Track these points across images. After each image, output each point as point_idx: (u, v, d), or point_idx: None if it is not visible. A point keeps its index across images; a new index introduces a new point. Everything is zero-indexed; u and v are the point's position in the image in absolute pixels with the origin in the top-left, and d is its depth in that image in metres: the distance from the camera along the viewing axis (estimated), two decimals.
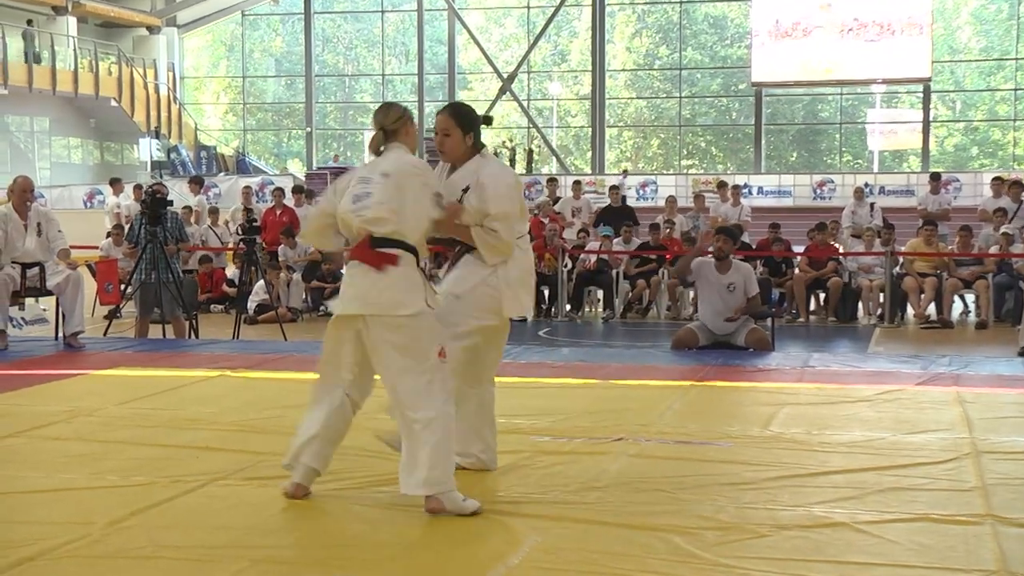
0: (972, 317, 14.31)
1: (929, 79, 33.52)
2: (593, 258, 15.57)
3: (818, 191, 30.49)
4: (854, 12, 33.16)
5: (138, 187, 19.47)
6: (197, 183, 19.07)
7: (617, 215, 16.92)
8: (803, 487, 5.17)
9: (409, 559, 4.19)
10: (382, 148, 4.88)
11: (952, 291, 14.03)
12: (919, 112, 35.05)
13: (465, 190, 5.03)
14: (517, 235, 5.13)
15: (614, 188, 18.85)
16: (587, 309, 15.30)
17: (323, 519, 4.69)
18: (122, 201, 20.01)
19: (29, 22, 32.64)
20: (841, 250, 15.47)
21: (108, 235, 16.30)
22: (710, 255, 10.19)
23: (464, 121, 5.15)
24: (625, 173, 30.73)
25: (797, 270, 14.63)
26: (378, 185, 4.71)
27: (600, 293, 15.30)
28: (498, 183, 5.08)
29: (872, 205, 17.39)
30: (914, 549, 4.27)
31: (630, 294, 15.09)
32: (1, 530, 4.48)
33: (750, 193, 28.90)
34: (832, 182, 30.70)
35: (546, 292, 15.26)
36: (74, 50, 34.82)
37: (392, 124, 4.88)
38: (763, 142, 36.19)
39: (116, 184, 19.47)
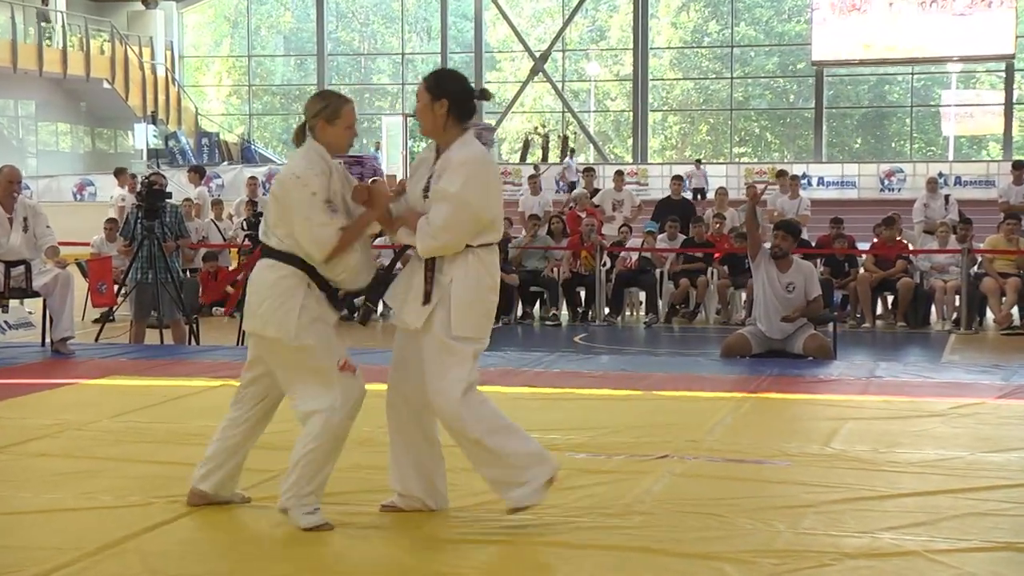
0: None
1: (1012, 56, 33.16)
2: (634, 256, 15.54)
3: (886, 182, 30.38)
4: None
5: (131, 176, 19.54)
6: (198, 173, 19.15)
7: (675, 210, 16.85)
8: (869, 511, 5.13)
9: None
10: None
11: None
12: (1000, 93, 34.80)
13: (425, 189, 4.85)
14: (475, 236, 4.84)
15: (676, 178, 18.79)
16: (628, 313, 15.28)
17: (331, 544, 4.68)
18: (127, 193, 19.99)
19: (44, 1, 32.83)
20: (911, 248, 15.37)
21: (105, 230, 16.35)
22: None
23: (433, 85, 4.91)
24: (699, 163, 30.08)
25: (862, 270, 14.55)
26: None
27: (643, 295, 15.26)
28: (463, 160, 4.82)
29: (947, 197, 17.28)
30: None
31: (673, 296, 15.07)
32: None
33: (809, 184, 28.81)
34: (902, 172, 30.58)
35: (583, 294, 15.25)
36: (63, 26, 35.05)
37: (310, 119, 5.00)
38: (824, 127, 36.04)
39: (121, 174, 19.56)
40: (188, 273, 14.92)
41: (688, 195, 22.27)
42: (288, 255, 4.81)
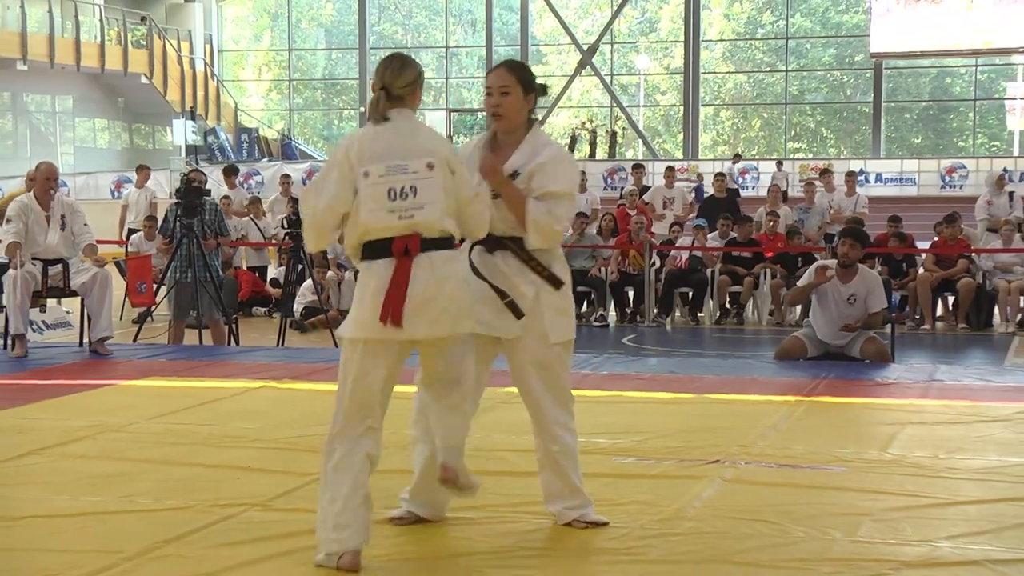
0: None
1: None
2: (685, 255, 15.51)
3: (947, 178, 30.14)
4: None
5: (142, 168, 19.22)
6: (231, 173, 19.08)
7: (721, 207, 16.81)
8: (930, 519, 5.11)
9: None
10: (388, 116, 4.61)
11: None
12: None
13: (513, 175, 4.82)
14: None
15: (720, 176, 18.75)
16: (677, 313, 15.26)
17: (370, 551, 4.70)
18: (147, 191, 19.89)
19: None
20: (974, 247, 15.26)
21: (138, 228, 16.48)
22: (834, 261, 9.99)
23: (527, 78, 4.93)
24: (737, 158, 30.13)
25: (922, 270, 14.47)
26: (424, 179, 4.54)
27: (690, 295, 15.23)
28: (561, 158, 4.95)
29: (1011, 194, 17.16)
30: None
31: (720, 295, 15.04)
32: (21, 558, 4.58)
33: (867, 181, 28.63)
34: (964, 168, 30.32)
35: (631, 294, 15.24)
36: (100, 20, 35.31)
37: (403, 87, 4.61)
38: (883, 122, 35.82)
39: (142, 171, 19.47)
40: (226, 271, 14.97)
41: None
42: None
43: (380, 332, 4.44)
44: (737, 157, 30.07)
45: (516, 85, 4.86)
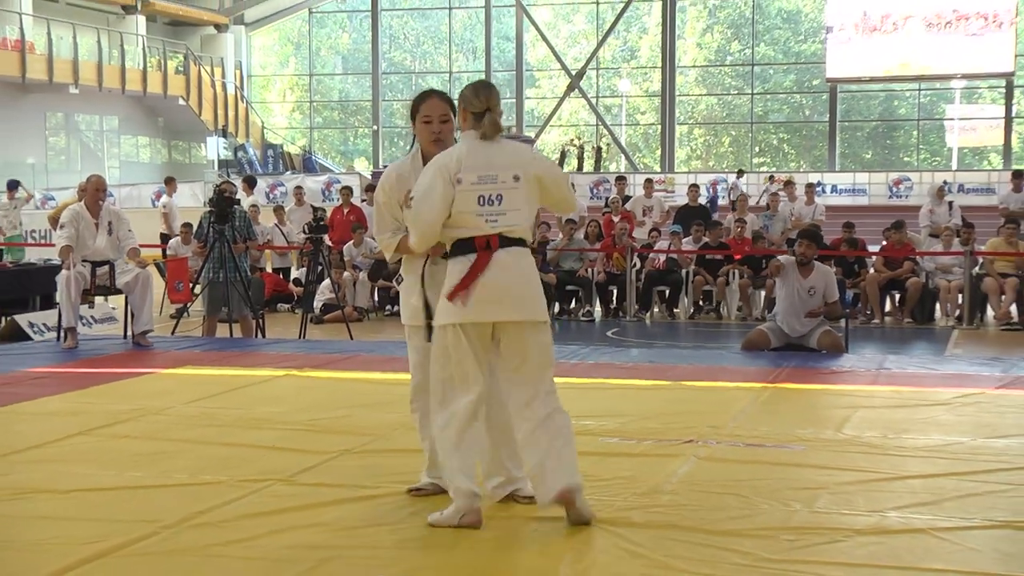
0: None
1: (1012, 74, 32.86)
2: (662, 258, 15.51)
3: (894, 189, 30.10)
4: (933, 6, 32.67)
5: (170, 179, 19.34)
6: (249, 183, 19.10)
7: (695, 215, 16.80)
8: (879, 492, 5.10)
9: (476, 561, 4.20)
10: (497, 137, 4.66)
11: None
12: (1000, 108, 34.45)
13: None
14: None
15: (693, 187, 18.73)
16: (656, 309, 15.25)
17: (387, 520, 4.70)
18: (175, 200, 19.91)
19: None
20: (918, 250, 15.25)
21: (176, 233, 16.48)
22: (794, 257, 10.06)
23: (456, 106, 4.83)
24: (740, 173, 28.80)
25: (872, 270, 14.46)
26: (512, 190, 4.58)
27: (667, 293, 15.21)
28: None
29: (951, 204, 17.14)
30: (996, 558, 4.20)
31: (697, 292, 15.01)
32: (73, 527, 4.56)
33: (824, 191, 28.60)
34: (909, 180, 30.29)
35: (615, 292, 15.23)
36: (143, 49, 35.33)
37: (496, 106, 4.63)
38: (837, 139, 35.81)
39: (171, 183, 19.54)
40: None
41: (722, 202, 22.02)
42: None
43: (461, 316, 4.51)
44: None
45: (450, 112, 4.88)
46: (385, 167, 4.98)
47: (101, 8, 34.81)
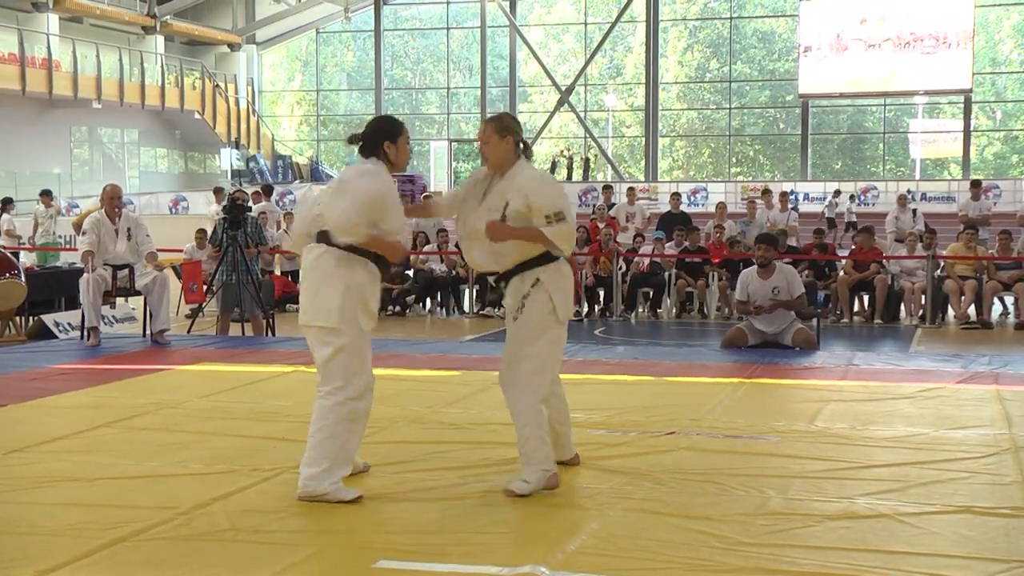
0: (1011, 318, 14.08)
1: (970, 90, 33.04)
2: (646, 261, 15.50)
3: (862, 197, 30.14)
4: (897, 28, 32.81)
5: (219, 190, 19.67)
6: (266, 192, 19.10)
7: (676, 221, 16.79)
8: (848, 480, 5.11)
9: (471, 543, 4.20)
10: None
11: (992, 293, 13.82)
12: (960, 122, 34.56)
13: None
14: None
15: (675, 195, 18.72)
16: (640, 309, 15.24)
17: (391, 506, 4.70)
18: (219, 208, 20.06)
19: None
20: (884, 254, 15.27)
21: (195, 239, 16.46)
22: (753, 263, 10.08)
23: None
24: (837, 192, 26.98)
25: (842, 273, 14.47)
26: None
27: (651, 294, 15.20)
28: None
29: (914, 211, 17.20)
30: (956, 540, 4.22)
31: (679, 293, 15.00)
32: (97, 513, 4.56)
33: (797, 200, 28.60)
34: (876, 189, 30.35)
35: (601, 293, 15.23)
36: (161, 67, 35.33)
37: (519, 132, 5.03)
38: (809, 151, 35.86)
39: (219, 192, 19.92)
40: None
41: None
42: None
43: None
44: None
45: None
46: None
47: (123, 29, 34.78)
